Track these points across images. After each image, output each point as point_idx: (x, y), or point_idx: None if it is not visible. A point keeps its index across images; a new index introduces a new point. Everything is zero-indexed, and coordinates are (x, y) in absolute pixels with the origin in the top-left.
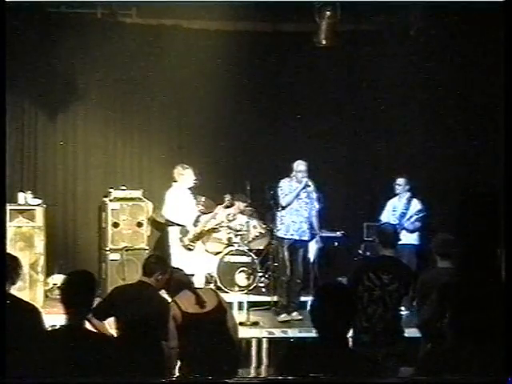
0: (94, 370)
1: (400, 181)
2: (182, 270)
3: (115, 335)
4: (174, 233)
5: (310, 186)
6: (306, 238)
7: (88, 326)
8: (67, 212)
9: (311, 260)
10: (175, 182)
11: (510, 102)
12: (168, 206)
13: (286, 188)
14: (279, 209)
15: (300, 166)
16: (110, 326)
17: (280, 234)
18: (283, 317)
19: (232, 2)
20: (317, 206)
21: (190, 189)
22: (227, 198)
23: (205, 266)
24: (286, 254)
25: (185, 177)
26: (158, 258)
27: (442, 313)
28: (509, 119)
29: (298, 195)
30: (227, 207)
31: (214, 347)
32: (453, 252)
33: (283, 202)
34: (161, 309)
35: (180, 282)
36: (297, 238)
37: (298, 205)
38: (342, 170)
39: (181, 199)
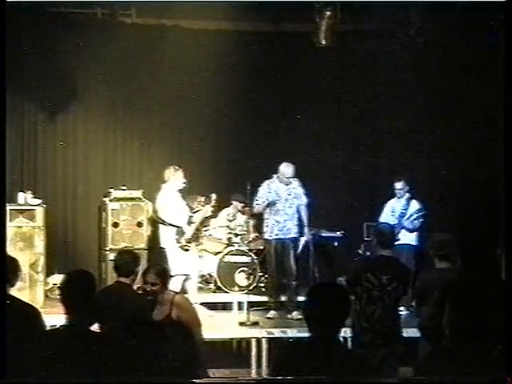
0: (94, 370)
1: (399, 185)
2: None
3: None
4: (169, 234)
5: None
6: (292, 235)
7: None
8: (67, 212)
9: (303, 259)
10: (164, 182)
11: (510, 102)
12: (162, 207)
13: (262, 194)
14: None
15: (287, 169)
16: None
17: (266, 236)
18: (271, 314)
19: (232, 2)
20: (304, 200)
21: (179, 191)
22: (213, 196)
23: (200, 267)
24: (272, 254)
25: (175, 178)
26: (133, 254)
27: (442, 313)
28: (509, 119)
29: (270, 204)
30: (214, 206)
31: None
32: (450, 252)
33: (254, 209)
34: (142, 307)
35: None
36: (282, 237)
37: (280, 205)
38: (342, 170)
39: (173, 200)
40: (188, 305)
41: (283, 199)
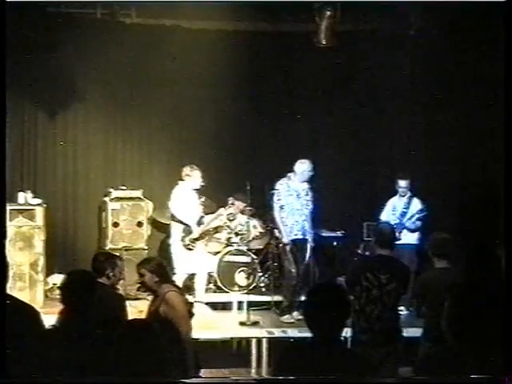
0: (94, 370)
1: (403, 183)
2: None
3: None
4: (176, 232)
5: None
6: (307, 236)
7: None
8: (67, 212)
9: (308, 259)
10: (181, 180)
11: (510, 102)
12: (175, 203)
13: (282, 194)
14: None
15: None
16: None
17: (285, 236)
18: (286, 318)
19: (232, 2)
20: (310, 206)
21: (195, 190)
22: (230, 200)
23: (205, 266)
24: (290, 255)
25: (192, 178)
26: (105, 255)
27: (442, 313)
28: (509, 119)
29: (297, 196)
30: (231, 213)
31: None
32: (449, 252)
33: (275, 211)
34: (118, 306)
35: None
36: (301, 237)
37: (299, 204)
38: (342, 170)
39: (186, 199)
40: (177, 303)
41: (302, 198)
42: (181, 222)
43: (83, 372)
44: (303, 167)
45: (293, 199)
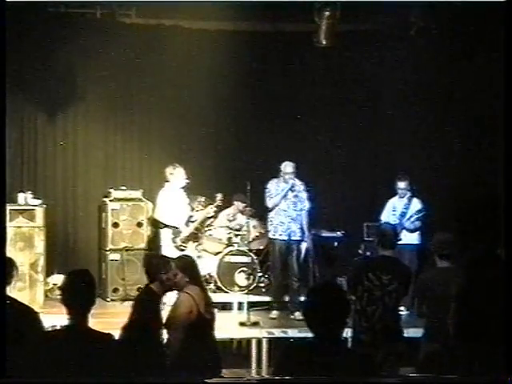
0: (94, 370)
1: (402, 184)
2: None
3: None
4: (166, 234)
5: (294, 187)
6: (296, 238)
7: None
8: (67, 212)
9: (302, 259)
10: (167, 182)
11: (510, 102)
12: (159, 208)
13: (273, 189)
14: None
15: (287, 167)
16: None
17: (270, 235)
18: (274, 314)
19: (232, 2)
20: (307, 205)
21: (182, 188)
22: (218, 197)
23: (200, 267)
24: (276, 254)
25: (175, 176)
26: (159, 258)
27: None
28: (509, 119)
29: (284, 196)
30: (219, 206)
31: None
32: (452, 252)
33: (269, 203)
34: (156, 316)
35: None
36: (285, 238)
37: (285, 205)
38: (342, 170)
39: (172, 199)
40: (181, 305)
41: (289, 200)
42: (167, 226)
43: (83, 372)
44: (285, 169)
45: (280, 199)
